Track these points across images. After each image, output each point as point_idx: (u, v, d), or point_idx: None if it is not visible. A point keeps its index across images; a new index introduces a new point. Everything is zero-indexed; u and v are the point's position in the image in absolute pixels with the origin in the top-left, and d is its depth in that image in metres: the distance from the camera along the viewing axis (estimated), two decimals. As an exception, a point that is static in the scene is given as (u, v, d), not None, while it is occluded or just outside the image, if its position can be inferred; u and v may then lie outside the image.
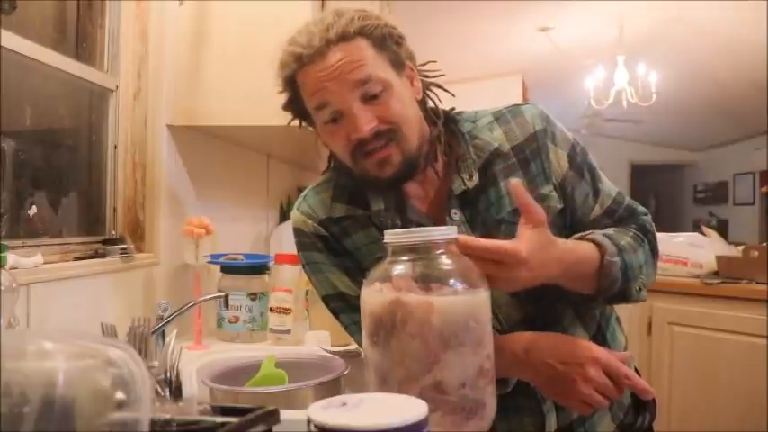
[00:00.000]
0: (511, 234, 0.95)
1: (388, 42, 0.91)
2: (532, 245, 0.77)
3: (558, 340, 0.88)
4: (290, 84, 0.93)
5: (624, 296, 0.92)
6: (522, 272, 0.76)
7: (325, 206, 1.00)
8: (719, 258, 2.61)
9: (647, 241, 0.97)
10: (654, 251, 0.99)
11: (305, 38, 0.88)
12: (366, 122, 0.87)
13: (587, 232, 0.92)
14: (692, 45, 5.12)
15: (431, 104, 1.00)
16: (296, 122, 1.00)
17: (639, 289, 0.93)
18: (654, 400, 1.09)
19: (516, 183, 0.80)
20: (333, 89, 0.87)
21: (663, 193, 10.13)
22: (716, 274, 2.60)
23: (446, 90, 1.02)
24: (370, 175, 0.92)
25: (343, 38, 0.87)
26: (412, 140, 0.91)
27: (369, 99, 0.88)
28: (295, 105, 0.96)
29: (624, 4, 4.33)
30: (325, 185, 1.03)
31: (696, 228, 4.38)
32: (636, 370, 1.08)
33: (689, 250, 2.66)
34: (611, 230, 0.95)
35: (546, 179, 0.97)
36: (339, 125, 0.90)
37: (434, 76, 1.01)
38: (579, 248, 0.88)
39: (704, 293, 2.47)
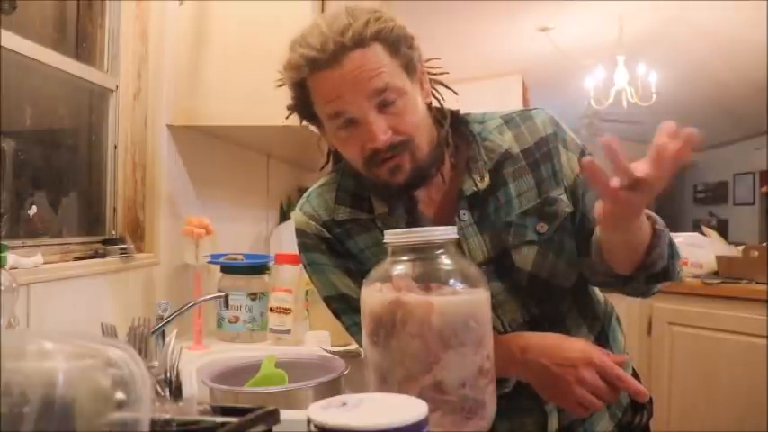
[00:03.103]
0: (520, 236, 0.95)
1: (402, 46, 0.88)
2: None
3: (554, 341, 0.88)
4: (300, 86, 0.90)
5: (667, 273, 0.90)
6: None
7: (328, 208, 0.99)
8: (719, 258, 2.61)
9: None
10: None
11: (318, 40, 0.84)
12: (382, 133, 0.86)
13: None
14: (693, 45, 5.11)
15: (436, 104, 0.99)
16: (295, 119, 0.98)
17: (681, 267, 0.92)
18: (651, 398, 1.09)
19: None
20: (349, 99, 0.85)
21: (663, 193, 10.11)
22: (716, 274, 2.61)
23: (449, 88, 1.01)
24: (381, 181, 0.91)
25: (360, 43, 0.84)
26: (423, 149, 0.90)
27: (384, 107, 0.86)
28: (302, 108, 0.93)
29: (624, 4, 4.32)
30: (328, 187, 1.02)
31: (696, 228, 4.38)
32: (634, 372, 1.09)
33: (689, 250, 2.66)
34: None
35: (556, 182, 0.96)
36: (353, 133, 0.88)
37: (438, 74, 1.00)
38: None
39: (704, 293, 2.47)
